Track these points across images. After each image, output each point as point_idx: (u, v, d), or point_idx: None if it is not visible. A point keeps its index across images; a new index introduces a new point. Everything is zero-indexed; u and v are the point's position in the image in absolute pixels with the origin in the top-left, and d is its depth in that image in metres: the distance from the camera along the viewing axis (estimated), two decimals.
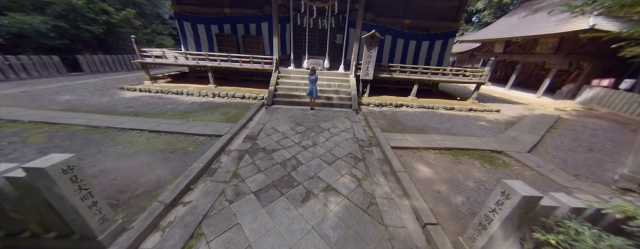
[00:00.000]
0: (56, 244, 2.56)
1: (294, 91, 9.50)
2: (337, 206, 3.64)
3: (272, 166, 4.67)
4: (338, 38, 12.09)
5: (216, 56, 10.25)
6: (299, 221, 3.28)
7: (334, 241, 2.99)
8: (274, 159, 4.91)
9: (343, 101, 9.40)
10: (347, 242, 3.00)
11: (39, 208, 2.34)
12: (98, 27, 13.63)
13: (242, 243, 2.88)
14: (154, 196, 3.60)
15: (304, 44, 11.47)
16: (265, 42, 11.30)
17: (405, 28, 11.33)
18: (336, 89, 9.87)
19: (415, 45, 11.56)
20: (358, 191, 4.07)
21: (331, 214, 3.46)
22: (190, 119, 6.96)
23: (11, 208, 2.32)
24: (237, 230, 3.07)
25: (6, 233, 2.51)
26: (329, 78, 10.37)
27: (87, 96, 8.97)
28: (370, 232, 3.20)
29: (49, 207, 2.32)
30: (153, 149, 5.10)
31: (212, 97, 9.83)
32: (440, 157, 5.60)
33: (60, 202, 2.27)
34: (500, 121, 9.19)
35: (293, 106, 9.01)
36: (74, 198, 2.28)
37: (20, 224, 2.46)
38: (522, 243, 2.65)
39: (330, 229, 3.19)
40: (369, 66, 9.91)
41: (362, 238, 3.08)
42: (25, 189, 2.19)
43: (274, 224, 3.20)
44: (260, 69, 10.30)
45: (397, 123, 7.91)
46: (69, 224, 2.45)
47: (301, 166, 4.71)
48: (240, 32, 11.16)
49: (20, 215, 2.38)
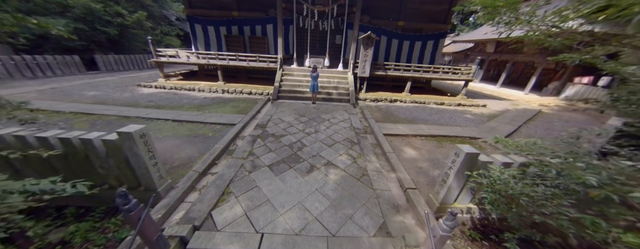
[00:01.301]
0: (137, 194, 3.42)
1: (297, 87, 10.36)
2: (335, 176, 4.50)
3: (281, 147, 5.53)
4: (337, 39, 12.94)
5: (225, 55, 11.10)
6: (305, 185, 4.14)
7: (333, 198, 3.85)
8: (282, 142, 5.77)
9: (342, 96, 10.26)
10: (343, 199, 3.86)
11: (119, 165, 3.20)
12: (113, 28, 14.49)
13: (262, 198, 3.74)
14: (188, 167, 4.46)
15: (306, 44, 12.31)
16: (270, 42, 12.15)
17: (399, 30, 12.17)
18: (335, 85, 10.73)
19: (408, 46, 12.40)
20: (353, 166, 4.93)
21: (331, 181, 4.32)
22: (205, 111, 7.82)
23: (99, 165, 3.18)
24: (257, 190, 3.93)
25: (92, 185, 3.37)
26: (329, 75, 11.23)
27: (110, 91, 9.84)
28: (361, 193, 4.05)
29: (126, 164, 3.19)
30: (179, 134, 5.96)
31: (222, 93, 10.70)
32: (425, 143, 6.46)
33: (136, 159, 3.13)
34: (485, 114, 10.05)
35: (296, 100, 9.87)
36: (145, 157, 3.14)
37: (103, 178, 3.32)
38: (473, 193, 3.52)
39: (330, 191, 4.05)
40: (365, 64, 10.76)
41: (355, 197, 3.93)
42: (113, 149, 3.05)
43: (285, 187, 4.06)
44: (266, 67, 11.16)
45: (390, 115, 8.77)
46: (139, 178, 3.32)
47: (305, 148, 5.57)
48: (247, 33, 12.01)
49: (104, 171, 3.24)
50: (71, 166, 3.13)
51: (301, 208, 3.56)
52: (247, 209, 3.46)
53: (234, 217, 3.31)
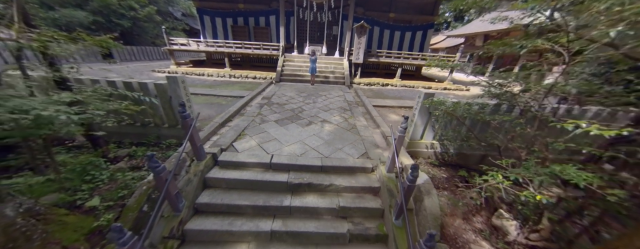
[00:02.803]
0: (167, 131, 4.39)
1: (297, 72, 11.30)
2: (330, 128, 5.46)
3: (285, 110, 6.48)
4: (334, 30, 13.86)
5: (232, 44, 12.02)
6: (305, 132, 5.10)
7: (327, 139, 4.80)
8: (285, 108, 6.73)
9: (338, 79, 11.21)
10: (335, 140, 4.82)
11: (164, 106, 4.16)
12: (126, 21, 15.39)
13: (270, 137, 4.70)
14: (210, 120, 5.41)
15: (305, 34, 13.24)
16: (272, 32, 13.08)
17: (391, 21, 13.10)
18: (332, 70, 11.67)
19: (399, 36, 13.34)
20: (344, 122, 5.89)
21: (325, 130, 5.28)
22: (216, 89, 8.77)
23: (149, 106, 4.13)
24: (267, 134, 4.89)
25: (141, 124, 4.33)
26: (327, 62, 12.17)
27: (129, 74, 10.77)
28: (350, 137, 5.01)
29: (169, 104, 4.14)
30: (197, 102, 6.92)
31: (229, 78, 11.63)
32: (408, 111, 7.42)
33: (177, 100, 4.08)
34: (467, 95, 11.01)
35: (297, 82, 10.82)
36: (183, 98, 4.09)
37: (151, 117, 4.27)
38: (434, 130, 4.49)
39: (325, 135, 5.00)
40: (359, 51, 11.70)
41: (345, 139, 4.89)
42: (161, 91, 4.00)
43: (289, 132, 5.01)
44: (269, 55, 12.09)
45: (381, 94, 9.73)
46: (176, 117, 4.27)
47: (305, 111, 6.53)
48: (252, 24, 12.94)
49: (152, 111, 4.20)
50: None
51: (302, 143, 4.53)
52: (260, 143, 4.43)
53: (250, 146, 4.27)
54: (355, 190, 3.58)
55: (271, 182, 3.50)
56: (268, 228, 3.03)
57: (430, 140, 4.59)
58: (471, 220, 3.61)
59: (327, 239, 3.06)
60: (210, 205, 3.22)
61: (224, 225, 3.03)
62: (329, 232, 3.05)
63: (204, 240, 2.97)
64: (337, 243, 3.07)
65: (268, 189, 3.49)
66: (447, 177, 4.24)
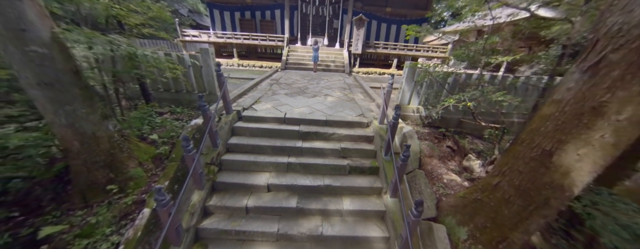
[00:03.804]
0: (196, 97, 5.18)
1: (300, 61, 12.09)
2: (332, 99, 6.26)
3: (292, 88, 7.28)
4: (335, 23, 14.62)
5: (240, 35, 12.79)
6: (311, 101, 5.89)
7: (330, 106, 5.60)
8: (292, 86, 7.54)
9: (338, 67, 12.01)
10: (336, 106, 5.61)
11: (195, 74, 4.95)
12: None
13: (282, 103, 5.49)
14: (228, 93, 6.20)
15: (308, 27, 14.01)
16: (277, 25, 13.84)
17: (387, 15, 13.88)
18: (333, 59, 12.46)
19: (395, 29, 14.12)
20: (344, 96, 6.69)
21: (328, 100, 6.08)
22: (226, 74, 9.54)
23: (184, 76, 4.93)
24: (279, 101, 5.68)
25: (175, 91, 5.13)
26: (328, 52, 12.96)
27: None
28: (349, 105, 5.82)
29: (200, 74, 4.94)
30: None
31: (237, 67, 12.42)
32: None
33: (207, 70, 4.88)
34: None
35: (300, 70, 11.60)
36: (212, 67, 4.89)
37: (184, 85, 5.07)
38: (419, 96, 5.30)
39: (327, 103, 5.80)
40: (358, 42, 12.48)
41: (345, 106, 5.69)
42: (194, 62, 4.80)
43: (297, 101, 5.81)
44: (274, 45, 12.88)
45: (378, 80, 10.53)
46: (206, 85, 5.07)
47: (309, 88, 7.33)
48: (258, 17, 13.70)
49: (185, 79, 5.00)
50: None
51: (309, 107, 5.34)
52: (274, 106, 5.23)
53: (266, 108, 5.07)
54: (353, 138, 4.39)
55: (285, 131, 4.31)
56: (285, 161, 3.84)
57: (416, 105, 5.40)
58: (446, 163, 4.42)
59: (331, 170, 3.87)
60: (239, 145, 4.03)
61: (250, 158, 3.84)
62: (333, 164, 3.87)
63: (235, 169, 3.79)
64: (339, 173, 3.88)
65: (283, 136, 4.29)
66: (429, 133, 5.06)
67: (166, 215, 2.50)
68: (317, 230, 3.17)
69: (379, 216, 3.47)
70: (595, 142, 1.92)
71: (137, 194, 3.11)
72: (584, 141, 1.96)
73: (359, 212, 3.43)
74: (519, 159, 2.49)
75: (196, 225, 3.09)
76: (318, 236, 3.14)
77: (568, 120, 2.04)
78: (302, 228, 3.18)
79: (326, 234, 3.14)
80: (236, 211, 3.33)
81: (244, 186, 3.55)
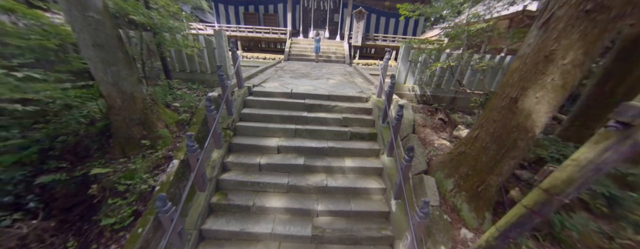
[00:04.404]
0: (209, 76, 5.65)
1: (303, 52, 12.54)
2: (333, 81, 6.72)
3: (296, 73, 7.75)
4: (335, 17, 15.05)
5: (244, 28, 13.25)
6: (314, 82, 6.35)
7: (332, 86, 6.06)
8: (296, 72, 8.00)
9: (339, 58, 12.46)
10: (338, 86, 6.07)
11: (209, 55, 5.41)
12: None
13: (289, 83, 5.95)
14: None
15: (309, 20, 14.46)
16: (280, 18, 14.29)
17: (386, 9, 14.30)
18: (334, 51, 12.91)
19: (394, 23, 14.55)
20: (345, 80, 7.15)
21: (330, 82, 6.54)
22: None
23: (198, 56, 5.39)
24: (285, 81, 6.13)
25: (190, 71, 5.60)
26: (329, 44, 13.40)
27: None
28: (349, 85, 6.27)
29: (212, 54, 5.40)
30: None
31: (242, 59, 12.87)
32: None
33: (220, 50, 5.33)
34: None
35: (303, 61, 12.07)
36: (225, 48, 5.34)
37: (198, 65, 5.53)
38: (414, 76, 5.75)
39: (330, 83, 6.26)
40: (358, 35, 12.92)
41: (345, 86, 6.14)
42: (208, 43, 5.25)
43: (302, 82, 6.27)
44: (278, 38, 13.33)
45: (377, 70, 10.97)
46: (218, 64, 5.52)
47: (312, 74, 7.80)
48: (261, 11, 14.15)
49: (200, 59, 5.45)
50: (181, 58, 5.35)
51: (313, 86, 5.79)
52: (281, 84, 5.70)
53: (273, 86, 5.53)
54: (353, 110, 4.85)
55: (292, 103, 4.77)
56: (292, 127, 4.31)
57: (412, 84, 5.85)
58: (438, 133, 4.88)
59: (334, 136, 4.33)
60: (251, 115, 4.49)
61: (261, 125, 4.30)
62: (336, 131, 4.33)
63: (248, 134, 4.26)
64: (341, 139, 4.34)
65: (290, 108, 4.75)
66: (423, 108, 5.52)
67: (195, 160, 2.98)
68: (322, 183, 3.64)
69: (377, 173, 3.93)
70: (548, 85, 2.38)
71: (165, 150, 3.58)
72: (540, 86, 2.42)
73: (359, 169, 3.89)
74: (493, 110, 2.95)
75: (217, 177, 3.56)
76: (323, 187, 3.61)
77: (529, 70, 2.50)
78: (309, 181, 3.65)
79: (330, 186, 3.62)
80: (250, 168, 3.79)
81: (256, 147, 4.02)
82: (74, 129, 3.48)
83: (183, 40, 4.68)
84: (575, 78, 2.29)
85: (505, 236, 2.41)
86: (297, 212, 3.37)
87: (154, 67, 4.87)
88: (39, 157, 3.18)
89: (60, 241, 2.69)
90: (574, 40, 2.13)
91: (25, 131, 3.36)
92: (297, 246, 3.11)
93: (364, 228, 3.27)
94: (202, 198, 3.22)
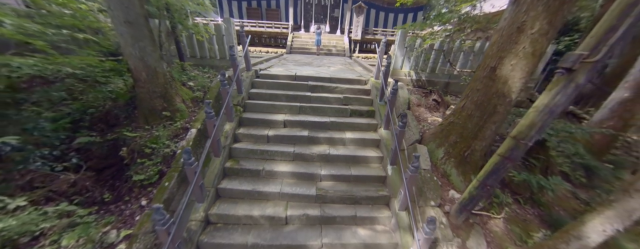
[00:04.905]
0: (218, 62, 6.04)
1: (304, 46, 12.92)
2: (334, 68, 7.11)
3: (299, 62, 8.14)
4: (335, 12, 15.41)
5: (247, 23, 13.61)
6: (316, 69, 6.74)
7: (333, 71, 6.44)
8: (299, 61, 8.39)
9: (339, 51, 12.84)
10: (339, 72, 6.45)
11: (218, 42, 5.79)
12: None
13: (292, 68, 6.32)
14: None
15: (311, 15, 14.82)
16: (282, 13, 14.65)
17: (385, 3, 14.64)
18: (334, 45, 13.29)
19: (393, 17, 14.90)
20: (345, 67, 7.54)
21: (331, 69, 6.92)
22: None
23: (208, 42, 5.76)
24: (289, 67, 6.52)
25: (200, 57, 5.98)
26: (329, 38, 13.78)
27: None
28: (350, 72, 6.66)
29: (221, 41, 5.78)
30: None
31: None
32: None
33: (228, 38, 5.72)
34: None
35: (304, 54, 12.45)
36: (233, 35, 5.72)
37: (208, 51, 5.91)
38: (409, 62, 6.12)
39: (331, 70, 6.64)
40: (357, 29, 13.29)
41: (346, 72, 6.53)
42: (218, 30, 5.63)
43: (304, 68, 6.65)
44: (280, 32, 13.70)
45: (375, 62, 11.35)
46: (226, 53, 5.90)
47: (314, 63, 8.19)
48: (264, 6, 14.51)
49: (209, 45, 5.83)
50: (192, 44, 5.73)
51: (315, 71, 6.18)
52: (285, 69, 6.08)
53: (279, 70, 5.90)
54: (353, 91, 5.23)
55: (297, 84, 5.15)
56: (297, 105, 4.69)
57: (408, 69, 6.23)
58: (432, 112, 5.26)
59: (336, 113, 4.72)
60: (259, 94, 4.87)
61: (268, 103, 4.69)
62: (337, 108, 4.72)
63: (257, 110, 4.64)
64: (342, 115, 4.73)
65: (295, 89, 5.12)
66: (418, 90, 5.90)
67: (212, 126, 3.38)
68: (325, 152, 4.03)
69: (375, 144, 4.32)
70: (520, 53, 2.76)
71: (182, 122, 3.97)
72: (514, 54, 2.81)
73: (358, 140, 4.28)
74: (477, 81, 3.34)
75: (230, 145, 3.95)
76: (326, 155, 4.00)
77: (505, 41, 2.88)
78: (313, 151, 4.04)
79: (332, 155, 4.01)
80: (260, 139, 4.18)
81: (264, 122, 4.41)
82: (101, 104, 3.88)
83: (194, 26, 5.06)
84: (543, 46, 2.67)
85: (484, 185, 2.81)
86: (303, 176, 3.76)
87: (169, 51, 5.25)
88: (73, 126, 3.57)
89: (98, 194, 3.08)
90: (540, 11, 2.51)
91: (54, 106, 3.77)
92: (303, 204, 3.49)
93: (362, 189, 3.66)
94: (217, 162, 3.61)
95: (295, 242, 3.05)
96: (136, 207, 3.07)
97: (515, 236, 3.37)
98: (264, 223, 3.28)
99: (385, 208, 3.55)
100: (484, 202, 3.55)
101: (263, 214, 3.24)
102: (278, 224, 3.29)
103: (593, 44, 1.72)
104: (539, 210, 3.94)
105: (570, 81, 1.92)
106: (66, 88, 3.86)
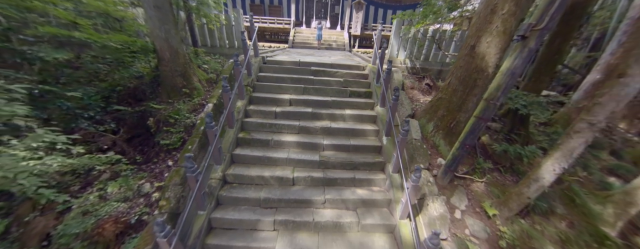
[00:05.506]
0: (227, 51, 6.52)
1: (306, 41, 13.39)
2: (335, 57, 7.58)
3: (301, 53, 8.61)
4: (336, 9, 15.89)
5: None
6: (318, 57, 7.21)
7: (334, 59, 6.91)
8: (301, 52, 8.86)
9: (339, 46, 13.31)
10: (339, 60, 6.91)
11: (228, 31, 6.27)
12: None
13: (295, 56, 6.79)
14: None
15: (312, 11, 15.29)
16: (284, 10, 15.12)
17: (384, 0, 15.13)
18: (335, 40, 13.76)
19: (391, 13, 15.36)
20: (345, 57, 8.02)
21: (332, 58, 7.39)
22: None
23: (218, 31, 6.25)
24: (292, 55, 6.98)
25: (211, 45, 6.46)
26: (330, 33, 14.26)
27: None
28: (349, 60, 7.13)
29: (230, 31, 6.25)
30: None
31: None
32: None
33: (237, 27, 6.20)
34: None
35: (306, 48, 12.92)
36: (241, 25, 6.20)
37: (217, 40, 6.39)
38: (405, 50, 6.61)
39: (332, 59, 7.10)
40: (357, 25, 13.76)
41: (345, 60, 7.01)
42: (228, 19, 6.12)
43: (307, 57, 7.12)
44: (282, 28, 14.18)
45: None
46: (234, 41, 6.38)
47: (316, 54, 8.66)
48: (267, 3, 14.98)
49: (219, 34, 6.31)
50: (203, 32, 6.21)
51: (316, 58, 6.66)
52: (289, 58, 6.56)
53: (282, 57, 6.38)
54: (353, 76, 5.71)
55: (301, 69, 5.64)
56: (301, 86, 5.17)
57: (403, 58, 6.71)
58: (425, 95, 5.75)
59: (336, 93, 5.20)
60: (266, 77, 5.35)
61: (275, 84, 5.17)
62: (337, 89, 5.20)
63: (265, 90, 5.11)
64: (342, 96, 5.20)
65: (299, 73, 5.60)
66: (412, 76, 6.39)
67: (227, 99, 3.86)
68: (327, 126, 4.51)
69: (372, 120, 4.80)
70: (494, 32, 3.24)
71: (199, 99, 4.45)
72: (489, 33, 3.29)
73: (357, 116, 4.76)
74: (460, 59, 3.82)
75: (242, 119, 4.43)
76: (328, 128, 4.47)
77: (482, 22, 3.36)
78: (316, 125, 4.52)
79: (334, 128, 4.48)
80: (268, 115, 4.66)
81: (272, 100, 4.89)
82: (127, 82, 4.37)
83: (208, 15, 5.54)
84: (512, 24, 3.15)
85: (463, 145, 3.30)
86: (307, 145, 4.24)
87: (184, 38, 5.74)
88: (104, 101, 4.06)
89: (131, 156, 3.57)
90: None
91: (81, 86, 4.25)
92: (307, 169, 3.97)
93: (360, 157, 4.14)
94: (231, 132, 4.08)
95: (302, 197, 3.52)
96: (164, 167, 3.55)
97: (493, 196, 3.85)
98: (274, 183, 3.75)
99: (380, 172, 4.02)
100: (467, 167, 4.05)
101: (273, 175, 3.71)
102: (286, 184, 3.77)
103: (538, 14, 2.20)
104: (518, 177, 4.41)
105: (525, 47, 2.39)
106: (94, 71, 4.36)
